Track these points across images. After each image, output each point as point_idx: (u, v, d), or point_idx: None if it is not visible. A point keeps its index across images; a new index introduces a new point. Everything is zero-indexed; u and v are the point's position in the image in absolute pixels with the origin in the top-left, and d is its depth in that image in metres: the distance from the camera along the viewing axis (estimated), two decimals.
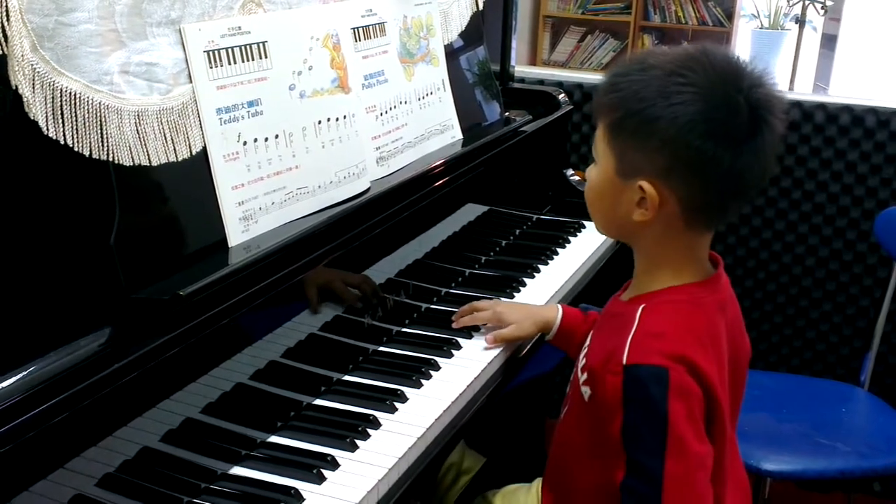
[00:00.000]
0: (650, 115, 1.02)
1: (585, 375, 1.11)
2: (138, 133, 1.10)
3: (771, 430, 1.88)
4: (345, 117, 1.44)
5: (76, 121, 1.03)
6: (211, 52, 1.21)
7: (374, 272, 1.46)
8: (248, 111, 1.26)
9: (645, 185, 1.05)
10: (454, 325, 1.48)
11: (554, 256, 1.84)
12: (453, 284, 1.69)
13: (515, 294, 1.66)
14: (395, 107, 1.61)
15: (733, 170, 1.02)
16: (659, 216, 1.07)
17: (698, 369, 1.03)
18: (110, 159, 1.07)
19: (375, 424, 1.23)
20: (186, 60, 1.18)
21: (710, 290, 1.12)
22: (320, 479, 1.12)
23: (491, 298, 1.56)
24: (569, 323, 1.43)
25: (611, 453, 1.05)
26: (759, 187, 1.08)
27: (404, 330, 1.51)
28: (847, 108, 2.37)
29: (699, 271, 1.13)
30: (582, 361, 1.15)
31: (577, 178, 2.18)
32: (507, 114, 2.02)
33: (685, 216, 1.07)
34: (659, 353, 1.03)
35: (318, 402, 1.30)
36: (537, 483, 1.40)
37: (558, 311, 1.45)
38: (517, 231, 1.97)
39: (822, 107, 2.39)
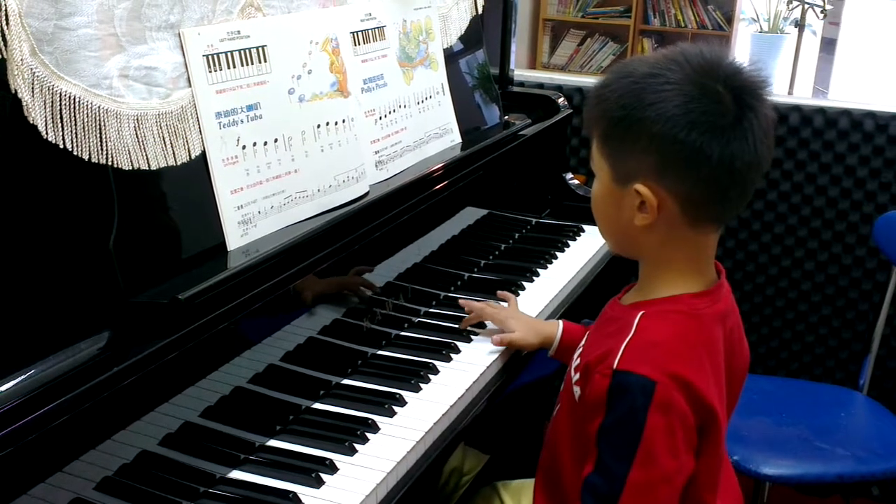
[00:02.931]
0: (634, 118, 1.04)
1: (578, 375, 1.12)
2: (137, 137, 1.10)
3: (770, 434, 1.88)
4: (344, 121, 1.44)
5: (75, 125, 1.03)
6: (210, 57, 1.21)
7: (374, 276, 1.46)
8: (248, 115, 1.26)
9: (640, 187, 1.05)
10: (461, 302, 1.53)
11: (553, 260, 1.85)
12: (452, 288, 1.69)
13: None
14: (394, 111, 1.61)
15: (724, 158, 1.02)
16: (661, 218, 1.06)
17: (690, 385, 1.03)
18: (109, 163, 1.07)
19: (374, 428, 1.23)
20: (185, 64, 1.18)
21: (711, 301, 1.11)
22: (319, 483, 1.12)
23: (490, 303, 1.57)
24: (569, 338, 1.43)
25: (589, 452, 1.06)
26: (757, 176, 1.07)
27: (403, 334, 1.51)
28: (846, 112, 2.38)
29: (702, 280, 1.12)
30: (576, 361, 1.15)
31: (576, 181, 2.18)
32: (506, 117, 2.02)
33: (686, 214, 1.06)
34: (651, 363, 1.03)
35: (317, 405, 1.30)
36: None
37: (559, 327, 1.45)
38: (516, 235, 1.97)
39: (821, 111, 2.39)
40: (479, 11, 1.95)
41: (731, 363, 1.13)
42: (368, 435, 1.21)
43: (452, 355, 1.43)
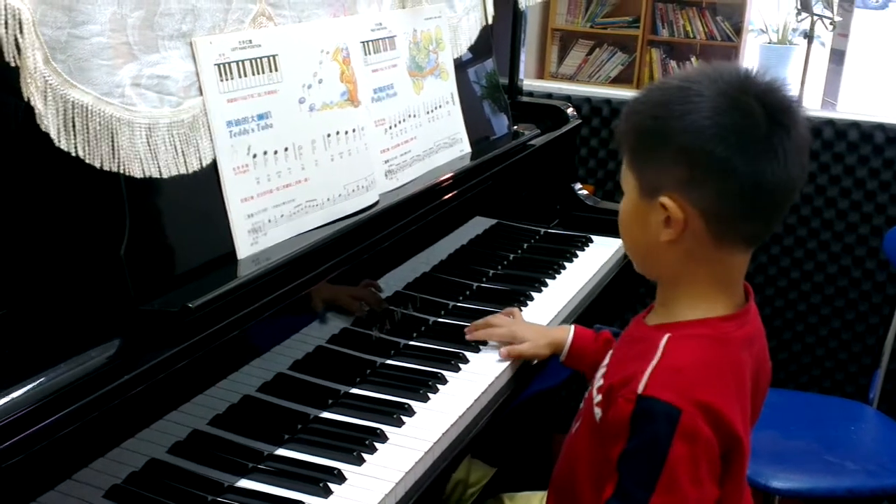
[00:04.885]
0: (663, 129, 1.03)
1: (600, 396, 1.10)
2: (149, 145, 1.11)
3: (779, 447, 1.87)
4: (354, 130, 1.44)
5: (87, 133, 1.03)
6: (222, 66, 1.22)
7: (383, 285, 1.46)
8: (258, 124, 1.26)
9: (666, 200, 1.03)
10: (468, 337, 1.49)
11: (561, 271, 1.84)
12: (461, 298, 1.69)
13: (523, 308, 1.66)
14: (403, 120, 1.62)
15: (751, 175, 1.00)
16: (686, 235, 1.05)
17: (716, 413, 1.02)
18: (121, 171, 1.07)
19: (382, 438, 1.23)
20: (197, 73, 1.18)
21: (739, 325, 1.09)
22: (327, 493, 1.12)
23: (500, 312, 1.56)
24: (580, 344, 1.42)
25: (609, 475, 1.05)
26: (789, 195, 1.05)
27: (412, 343, 1.51)
28: (855, 125, 2.37)
29: (730, 303, 1.10)
30: (599, 382, 1.13)
31: (585, 192, 2.18)
32: (515, 127, 2.02)
33: (712, 231, 1.05)
34: (676, 390, 1.01)
35: (326, 414, 1.30)
36: None
37: (569, 333, 1.44)
38: (525, 245, 1.97)
39: (830, 123, 2.39)
40: (489, 21, 1.95)
41: (756, 383, 1.12)
42: (377, 444, 1.21)
43: (461, 365, 1.43)
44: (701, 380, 1.03)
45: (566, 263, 1.88)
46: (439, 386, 1.37)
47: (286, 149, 1.30)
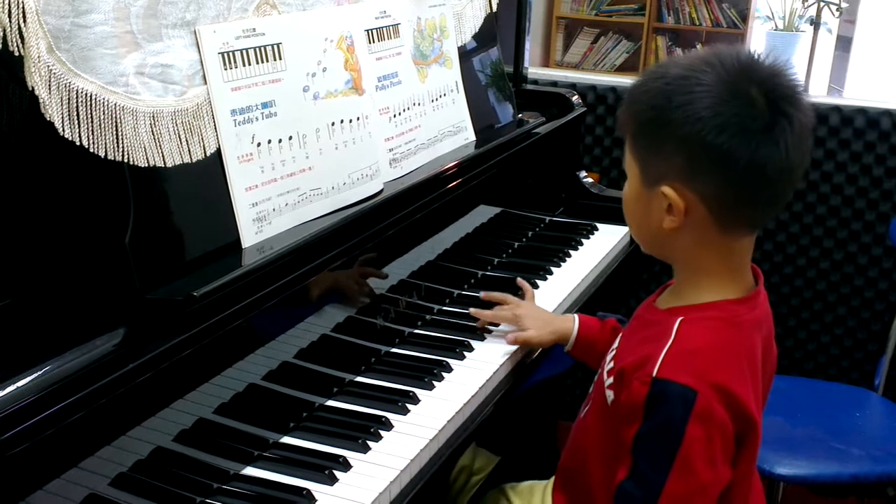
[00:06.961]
0: (663, 120, 1.03)
1: (612, 379, 1.11)
2: (153, 134, 1.11)
3: (784, 434, 1.87)
4: (358, 119, 1.44)
5: (92, 122, 1.03)
6: (225, 54, 1.21)
7: (387, 273, 1.46)
8: (263, 112, 1.26)
9: (667, 190, 1.04)
10: (471, 312, 1.50)
11: (567, 258, 1.84)
12: (466, 286, 1.69)
13: None
14: (408, 108, 1.61)
15: (753, 163, 1.00)
16: (689, 222, 1.05)
17: (731, 394, 1.02)
18: (125, 160, 1.07)
19: (387, 426, 1.23)
20: (201, 62, 1.18)
21: (750, 307, 1.10)
22: (332, 481, 1.12)
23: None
24: (586, 334, 1.42)
25: (623, 457, 1.05)
26: (791, 181, 1.05)
27: (416, 332, 1.51)
28: (862, 111, 2.36)
29: (740, 286, 1.11)
30: (609, 365, 1.14)
31: (589, 179, 2.17)
32: (520, 115, 2.02)
33: (716, 218, 1.05)
34: (692, 372, 1.02)
35: (331, 403, 1.30)
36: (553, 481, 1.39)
37: (575, 323, 1.44)
38: (530, 233, 1.97)
39: (837, 109, 2.38)
40: (494, 9, 1.95)
41: (763, 367, 1.12)
42: (382, 432, 1.22)
43: (466, 353, 1.43)
44: (715, 362, 1.04)
45: (571, 251, 1.88)
46: (444, 374, 1.37)
47: (290, 137, 1.30)
